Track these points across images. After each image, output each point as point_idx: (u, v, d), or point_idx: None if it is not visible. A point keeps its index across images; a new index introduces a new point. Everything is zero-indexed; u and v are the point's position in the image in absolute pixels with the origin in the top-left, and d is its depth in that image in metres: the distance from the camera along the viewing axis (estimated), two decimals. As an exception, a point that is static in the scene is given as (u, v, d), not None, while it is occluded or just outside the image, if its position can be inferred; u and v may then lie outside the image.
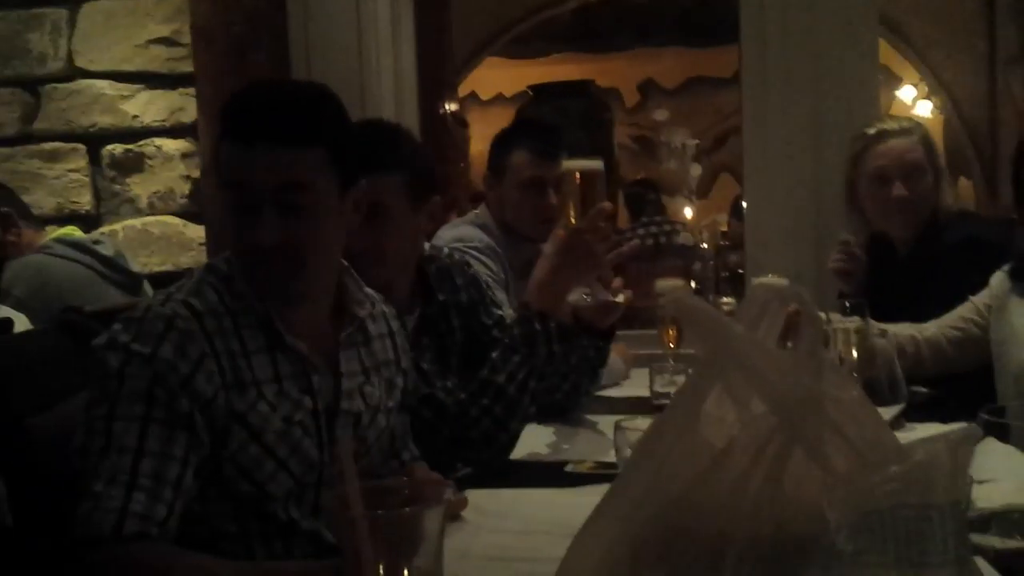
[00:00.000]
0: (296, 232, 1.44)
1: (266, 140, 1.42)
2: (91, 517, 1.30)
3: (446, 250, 2.34)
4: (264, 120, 1.44)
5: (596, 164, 2.07)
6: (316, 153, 1.45)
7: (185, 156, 3.60)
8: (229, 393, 1.43)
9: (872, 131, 2.71)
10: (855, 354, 1.71)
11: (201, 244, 3.62)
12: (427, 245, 2.25)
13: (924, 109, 7.35)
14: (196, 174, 3.60)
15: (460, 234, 2.78)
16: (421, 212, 2.04)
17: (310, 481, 1.52)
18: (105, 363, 1.40)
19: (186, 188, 3.61)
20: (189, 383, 1.39)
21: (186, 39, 3.48)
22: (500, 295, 2.53)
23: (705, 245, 4.86)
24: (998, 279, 2.28)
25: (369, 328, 1.66)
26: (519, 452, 2.04)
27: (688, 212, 8.66)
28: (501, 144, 2.88)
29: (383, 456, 1.68)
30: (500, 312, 2.28)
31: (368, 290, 1.68)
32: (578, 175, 2.04)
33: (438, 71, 3.86)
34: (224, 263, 1.54)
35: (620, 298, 2.08)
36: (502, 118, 2.89)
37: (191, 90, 3.53)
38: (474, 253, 2.66)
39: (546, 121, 3.17)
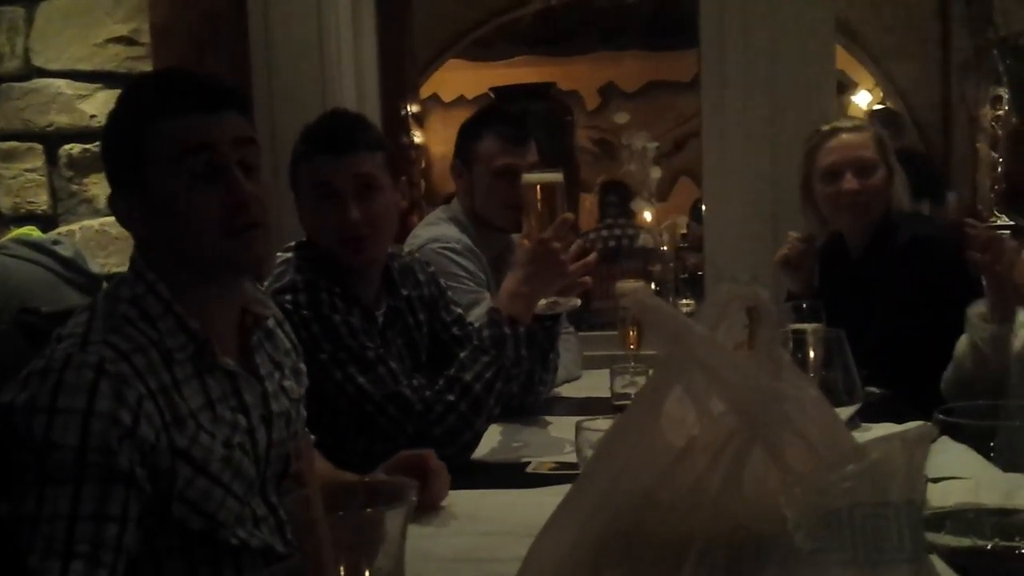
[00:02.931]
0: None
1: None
2: None
3: (407, 249, 2.38)
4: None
5: (556, 176, 2.09)
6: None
7: (143, 156, 3.55)
8: (170, 431, 1.37)
9: (825, 128, 2.76)
10: (812, 355, 1.72)
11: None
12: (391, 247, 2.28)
13: (880, 114, 7.43)
14: (154, 174, 3.55)
15: (436, 234, 2.73)
16: (397, 188, 2.13)
17: (251, 498, 1.50)
18: (28, 429, 1.28)
19: (144, 188, 3.56)
20: (132, 433, 1.31)
21: (145, 38, 3.44)
22: (470, 297, 2.54)
23: (665, 247, 4.89)
24: None
25: (268, 323, 1.64)
26: (480, 452, 2.06)
27: (648, 214, 8.70)
28: (469, 132, 2.84)
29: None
30: (459, 310, 2.34)
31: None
32: (539, 187, 2.06)
33: (400, 72, 3.85)
34: (128, 288, 1.45)
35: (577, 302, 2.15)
36: (464, 120, 2.90)
37: (150, 90, 3.49)
38: (452, 255, 2.64)
39: (511, 110, 3.18)
